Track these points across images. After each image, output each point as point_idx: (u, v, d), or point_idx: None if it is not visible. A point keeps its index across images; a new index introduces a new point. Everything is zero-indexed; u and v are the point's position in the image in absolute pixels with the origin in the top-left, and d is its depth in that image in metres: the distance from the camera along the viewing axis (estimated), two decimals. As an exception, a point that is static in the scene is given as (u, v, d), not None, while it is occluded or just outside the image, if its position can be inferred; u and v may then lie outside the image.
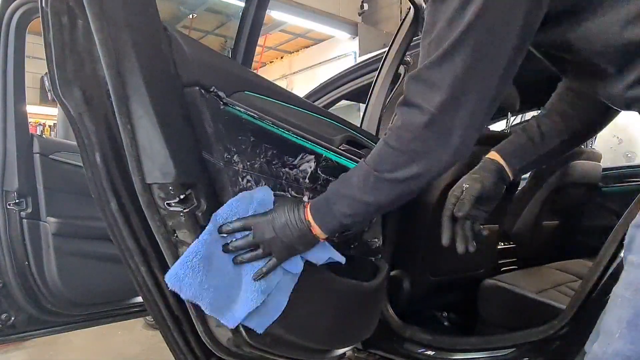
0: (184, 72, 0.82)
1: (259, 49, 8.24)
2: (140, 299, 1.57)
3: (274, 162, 0.96)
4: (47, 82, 0.88)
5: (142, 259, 0.93)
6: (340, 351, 1.23)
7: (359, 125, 1.46)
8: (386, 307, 1.49)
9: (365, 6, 7.92)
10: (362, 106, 1.73)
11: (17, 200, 1.54)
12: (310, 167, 1.03)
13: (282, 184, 0.97)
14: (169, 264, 0.86)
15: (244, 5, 1.69)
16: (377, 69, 1.62)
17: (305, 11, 6.95)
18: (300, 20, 7.19)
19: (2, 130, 1.51)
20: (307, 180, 1.03)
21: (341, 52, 8.15)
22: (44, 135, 6.22)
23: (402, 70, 1.65)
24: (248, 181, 0.90)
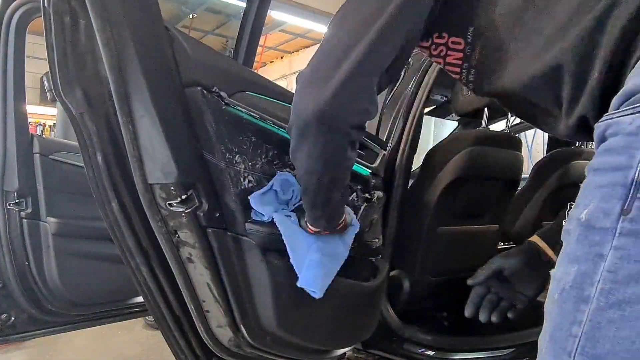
0: (185, 72, 0.83)
1: (259, 49, 8.21)
2: (141, 299, 1.57)
3: (275, 162, 0.96)
4: (46, 83, 0.88)
5: (143, 259, 0.93)
6: (340, 351, 1.24)
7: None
8: (386, 307, 1.49)
9: (365, 6, 7.91)
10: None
11: (17, 201, 1.54)
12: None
13: (283, 184, 0.97)
14: (170, 264, 0.86)
15: (244, 5, 1.69)
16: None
17: (305, 11, 6.92)
18: (300, 20, 7.18)
19: (2, 130, 1.51)
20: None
21: (341, 52, 8.14)
22: (44, 136, 6.21)
23: (402, 70, 1.65)
24: (249, 181, 0.90)
